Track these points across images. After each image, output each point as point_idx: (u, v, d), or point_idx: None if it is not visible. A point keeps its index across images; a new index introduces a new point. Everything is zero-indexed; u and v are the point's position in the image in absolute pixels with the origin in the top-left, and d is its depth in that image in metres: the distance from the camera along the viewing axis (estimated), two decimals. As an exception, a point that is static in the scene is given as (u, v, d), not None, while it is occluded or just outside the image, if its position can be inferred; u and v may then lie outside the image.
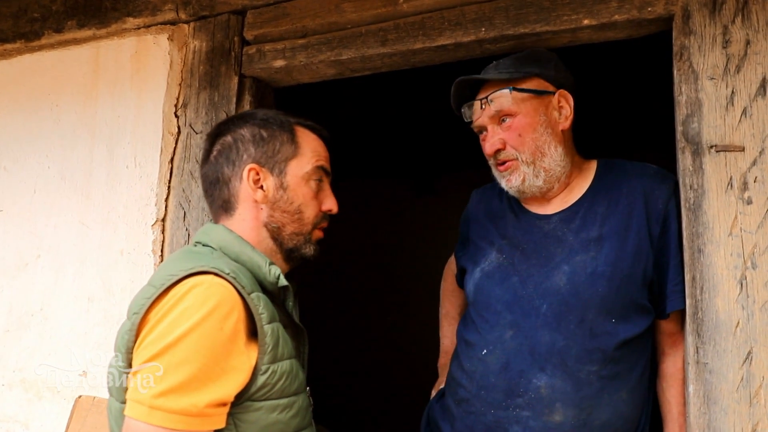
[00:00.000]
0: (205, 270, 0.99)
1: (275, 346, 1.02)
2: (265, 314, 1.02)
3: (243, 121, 1.20)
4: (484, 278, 1.39)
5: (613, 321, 1.26)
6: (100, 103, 1.85)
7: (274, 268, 1.09)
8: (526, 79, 1.36)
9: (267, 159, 1.16)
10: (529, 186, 1.35)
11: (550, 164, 1.34)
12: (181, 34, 1.80)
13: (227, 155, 1.17)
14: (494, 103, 1.35)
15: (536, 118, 1.33)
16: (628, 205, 1.31)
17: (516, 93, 1.33)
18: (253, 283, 1.06)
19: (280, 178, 1.16)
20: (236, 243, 1.11)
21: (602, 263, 1.27)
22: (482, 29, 1.46)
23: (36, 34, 1.98)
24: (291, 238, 1.17)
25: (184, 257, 1.06)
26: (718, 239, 1.23)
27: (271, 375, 1.00)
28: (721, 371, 1.20)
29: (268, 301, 1.05)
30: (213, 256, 1.06)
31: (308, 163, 1.18)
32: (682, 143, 1.29)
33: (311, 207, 1.18)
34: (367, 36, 1.57)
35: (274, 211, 1.16)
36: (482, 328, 1.35)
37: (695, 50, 1.30)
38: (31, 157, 1.92)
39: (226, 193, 1.17)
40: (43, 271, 1.86)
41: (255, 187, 1.15)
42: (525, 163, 1.34)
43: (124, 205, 1.78)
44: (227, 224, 1.17)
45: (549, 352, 1.25)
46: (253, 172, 1.15)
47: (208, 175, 1.19)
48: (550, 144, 1.33)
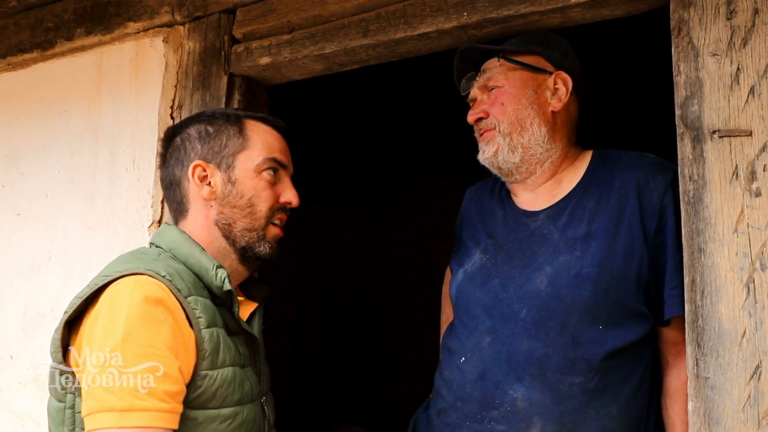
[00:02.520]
0: (139, 272, 0.97)
1: (214, 352, 0.98)
2: (203, 318, 0.98)
3: (191, 120, 1.18)
4: (466, 280, 1.30)
5: (600, 328, 1.13)
6: (103, 108, 1.88)
7: (221, 271, 1.05)
8: (524, 54, 1.30)
9: (214, 154, 1.13)
10: (504, 161, 1.27)
11: (529, 141, 1.25)
12: (176, 35, 1.81)
13: (177, 156, 1.15)
14: (485, 73, 1.32)
15: (523, 90, 1.27)
16: (620, 200, 1.19)
17: (504, 62, 1.29)
18: (197, 286, 1.02)
19: (228, 173, 1.12)
20: (185, 245, 1.08)
21: (588, 264, 1.15)
22: (464, 14, 1.36)
23: (50, 42, 2.04)
24: (243, 235, 1.13)
25: (127, 258, 1.05)
26: (722, 237, 1.08)
27: (209, 381, 0.96)
28: (724, 387, 1.05)
29: (209, 305, 1.01)
30: (158, 258, 1.04)
31: (258, 155, 1.14)
32: (681, 129, 1.15)
33: (264, 199, 1.13)
34: (349, 27, 1.51)
35: (224, 207, 1.12)
36: (461, 333, 1.26)
37: (695, 23, 1.15)
38: (44, 162, 1.98)
39: (179, 195, 1.15)
40: (53, 272, 1.91)
41: (201, 184, 1.12)
42: (502, 134, 1.27)
43: (124, 208, 1.80)
44: (182, 225, 1.15)
45: (527, 361, 1.15)
46: (198, 169, 1.12)
47: (164, 179, 1.18)
48: (533, 120, 1.25)
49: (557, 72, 1.30)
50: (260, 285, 1.28)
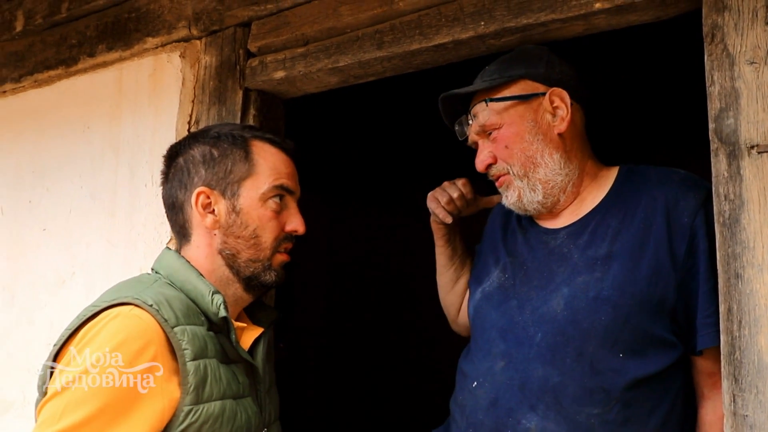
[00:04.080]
0: (126, 301, 0.94)
1: (199, 386, 0.94)
2: (189, 350, 0.95)
3: (195, 140, 1.14)
4: (484, 300, 1.24)
5: (621, 356, 1.05)
6: (123, 124, 1.89)
7: (217, 297, 1.02)
8: (509, 84, 1.20)
9: (218, 181, 1.09)
10: (529, 202, 1.19)
11: (546, 175, 1.16)
12: (193, 50, 1.79)
13: (180, 178, 1.12)
14: (477, 118, 1.22)
15: (522, 125, 1.18)
16: (646, 219, 1.10)
17: (493, 104, 1.19)
18: (191, 314, 0.99)
19: (232, 201, 1.08)
20: (182, 271, 1.06)
21: (608, 286, 1.08)
22: (481, 23, 1.30)
23: (74, 59, 2.06)
24: (247, 266, 1.09)
25: (120, 286, 1.03)
26: (761, 261, 0.99)
27: (193, 416, 0.93)
28: (764, 427, 0.97)
29: (198, 335, 0.98)
30: (153, 285, 1.02)
31: (265, 182, 1.10)
32: (715, 144, 1.06)
33: (269, 230, 1.09)
34: (363, 39, 1.46)
35: (228, 237, 1.08)
36: (476, 356, 1.20)
37: (730, 29, 1.06)
38: (68, 177, 2.00)
39: (181, 219, 1.12)
40: (77, 288, 1.93)
41: (204, 213, 1.09)
42: (517, 176, 1.18)
43: (143, 224, 1.80)
44: (184, 251, 1.12)
45: (541, 389, 1.08)
46: (202, 197, 1.08)
47: (166, 200, 1.15)
48: (543, 152, 1.16)
49: (550, 90, 1.20)
50: (268, 309, 1.25)
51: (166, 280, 1.07)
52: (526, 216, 1.28)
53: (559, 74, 1.21)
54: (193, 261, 1.09)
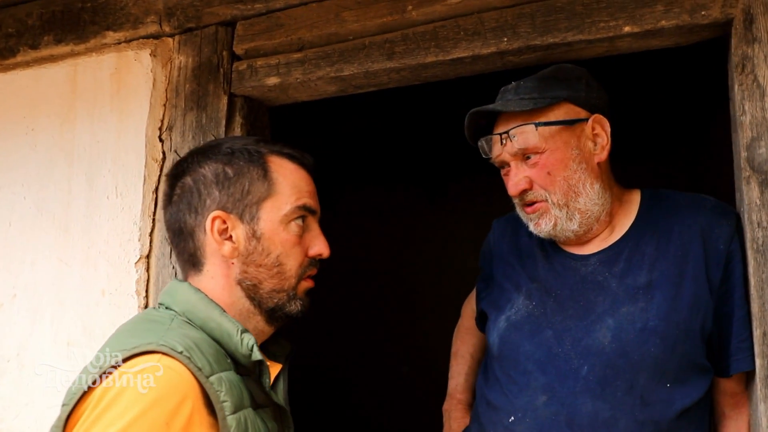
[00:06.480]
0: (150, 349, 0.82)
1: None
2: (228, 402, 0.83)
3: (205, 156, 1.00)
4: (511, 329, 1.20)
5: (668, 386, 1.06)
6: (78, 127, 1.67)
7: (247, 337, 0.91)
8: (552, 107, 1.15)
9: (234, 203, 0.97)
10: (562, 230, 1.15)
11: (586, 205, 1.14)
12: (165, 48, 1.62)
13: (188, 201, 0.98)
14: (517, 139, 1.14)
15: (567, 152, 1.13)
16: (682, 246, 1.11)
17: (542, 128, 1.12)
18: (219, 357, 0.88)
19: (252, 226, 0.97)
20: (202, 307, 0.93)
21: (654, 316, 1.07)
22: (504, 39, 1.26)
23: (11, 50, 1.81)
24: (271, 297, 0.98)
25: (134, 328, 0.90)
26: (795, 288, 1.03)
27: None
28: (802, 448, 1.00)
29: (234, 383, 0.87)
30: (171, 325, 0.89)
31: (287, 202, 0.98)
32: (747, 172, 1.09)
33: (293, 256, 0.99)
34: (371, 48, 1.38)
35: (248, 266, 0.97)
36: (509, 390, 1.16)
37: (760, 60, 1.09)
38: (6, 186, 1.75)
39: (191, 246, 0.98)
40: (19, 312, 1.69)
41: (221, 240, 0.96)
42: (556, 205, 1.14)
43: (105, 241, 1.61)
44: (195, 281, 0.99)
45: (591, 425, 1.05)
46: (218, 222, 0.96)
47: (171, 224, 1.01)
48: (586, 181, 1.13)
49: (593, 116, 1.16)
50: (281, 341, 1.14)
51: (182, 317, 0.94)
52: (548, 240, 1.25)
53: (596, 99, 1.18)
54: (208, 293, 0.97)
